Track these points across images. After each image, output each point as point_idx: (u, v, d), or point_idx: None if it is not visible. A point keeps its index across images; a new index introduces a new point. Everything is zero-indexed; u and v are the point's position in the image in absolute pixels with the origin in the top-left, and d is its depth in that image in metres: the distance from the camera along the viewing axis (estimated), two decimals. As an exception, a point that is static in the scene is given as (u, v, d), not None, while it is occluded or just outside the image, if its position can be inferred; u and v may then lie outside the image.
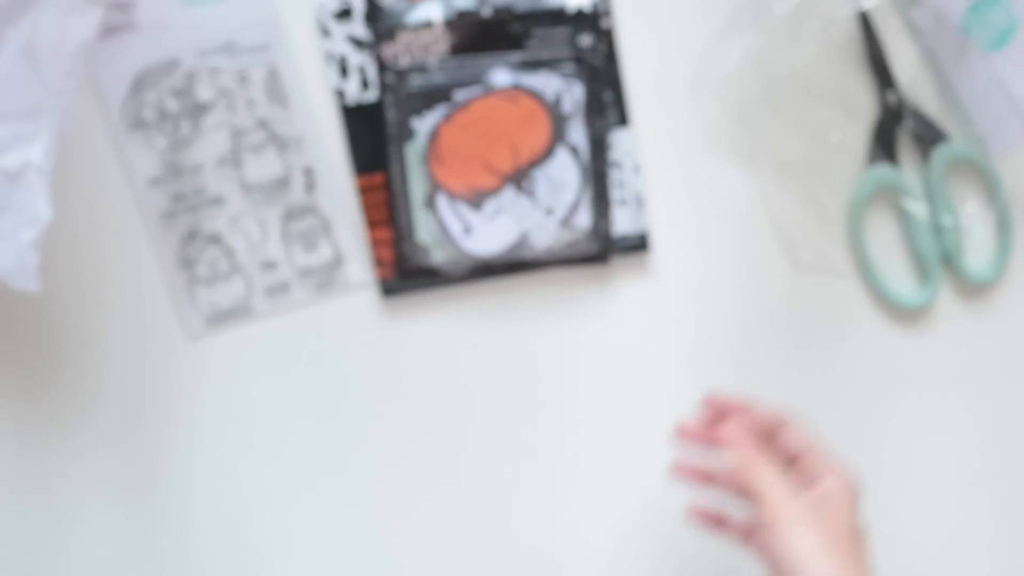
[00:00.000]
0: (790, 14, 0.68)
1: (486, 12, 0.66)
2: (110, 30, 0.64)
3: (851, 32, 0.69)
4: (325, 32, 0.66)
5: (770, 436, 0.61)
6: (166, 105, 0.65)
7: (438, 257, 0.67)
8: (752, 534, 0.60)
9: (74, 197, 0.65)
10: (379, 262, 0.67)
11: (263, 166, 0.66)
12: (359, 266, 0.67)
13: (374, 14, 0.66)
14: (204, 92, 0.65)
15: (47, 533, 0.67)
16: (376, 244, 0.67)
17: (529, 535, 0.69)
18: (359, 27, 0.66)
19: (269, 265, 0.67)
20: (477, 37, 0.66)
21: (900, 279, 0.71)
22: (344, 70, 0.66)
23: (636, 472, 0.69)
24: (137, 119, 0.65)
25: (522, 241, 0.67)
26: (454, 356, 0.68)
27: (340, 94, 0.66)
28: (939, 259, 0.70)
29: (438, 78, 0.65)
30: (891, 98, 0.70)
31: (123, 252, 0.66)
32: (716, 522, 0.63)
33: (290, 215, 0.67)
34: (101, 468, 0.67)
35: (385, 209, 0.67)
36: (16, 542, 0.67)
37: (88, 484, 0.66)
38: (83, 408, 0.66)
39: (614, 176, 0.68)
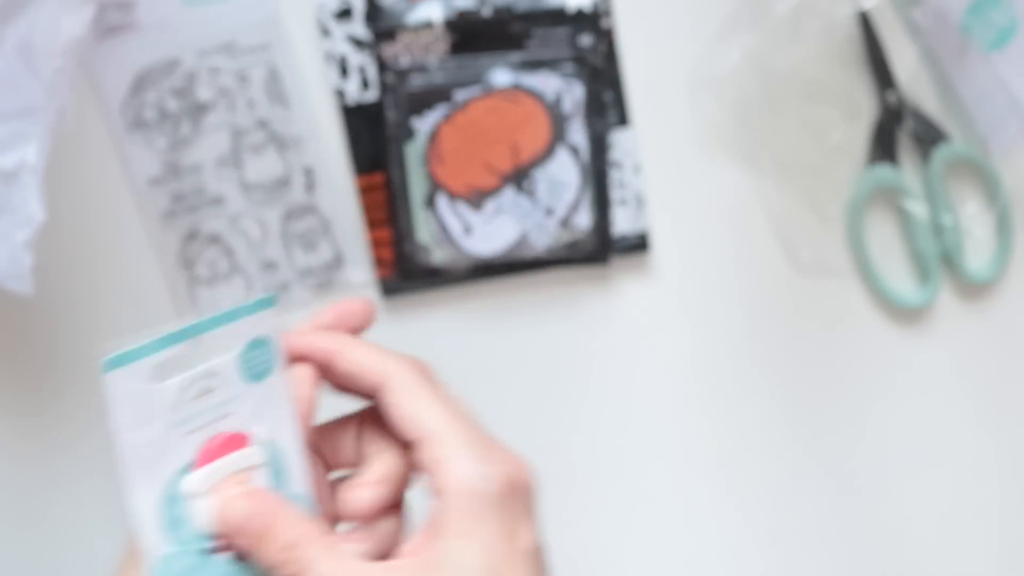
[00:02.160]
0: (790, 14, 0.68)
1: (486, 12, 0.66)
2: (110, 30, 0.64)
3: (851, 32, 0.69)
4: (325, 32, 0.66)
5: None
6: (166, 105, 0.65)
7: (438, 257, 0.67)
8: None
9: (74, 197, 0.65)
10: (379, 262, 0.67)
11: (263, 166, 0.66)
12: (359, 266, 0.67)
13: (374, 14, 0.66)
14: (204, 92, 0.65)
15: (47, 545, 0.67)
16: (376, 244, 0.67)
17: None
18: (359, 27, 0.66)
19: (269, 265, 0.67)
20: (477, 37, 0.66)
21: (900, 279, 0.71)
22: (344, 70, 0.66)
23: (635, 471, 0.69)
24: (137, 119, 0.65)
25: (522, 241, 0.67)
26: (454, 356, 0.68)
27: (340, 94, 0.66)
28: (939, 259, 0.70)
29: (438, 78, 0.65)
30: (891, 98, 0.70)
31: (123, 252, 0.66)
32: None
33: (290, 215, 0.67)
34: (102, 472, 0.66)
35: (385, 209, 0.67)
36: (15, 559, 0.66)
37: (89, 491, 0.66)
38: (82, 411, 0.66)
39: (614, 176, 0.68)
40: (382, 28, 0.66)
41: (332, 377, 0.43)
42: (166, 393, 0.40)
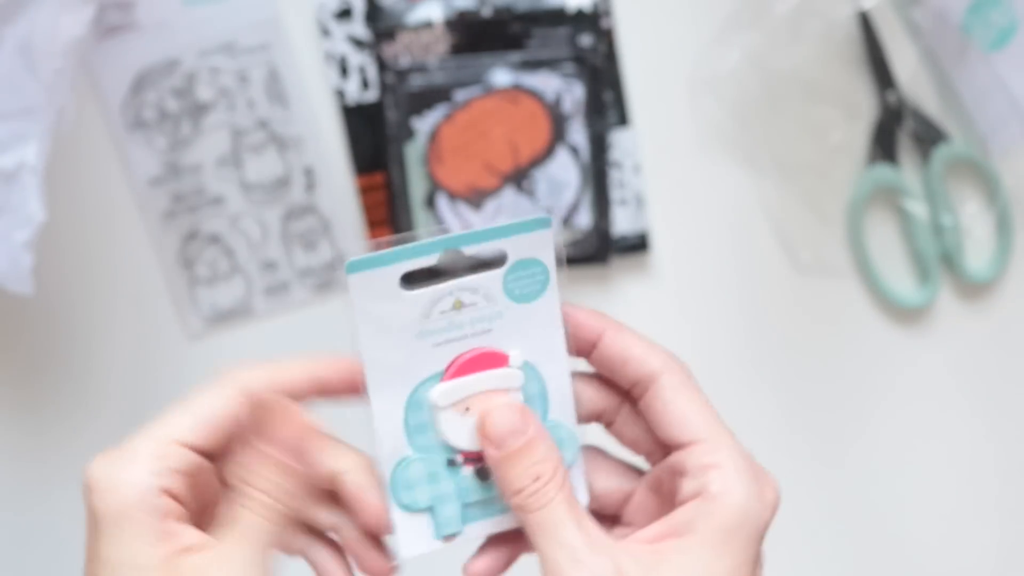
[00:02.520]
0: (790, 14, 0.68)
1: (486, 12, 0.66)
2: (110, 30, 0.64)
3: (851, 32, 0.69)
4: (325, 32, 0.66)
5: None
6: (166, 105, 0.65)
7: (438, 257, 0.66)
8: None
9: (74, 197, 0.65)
10: (379, 262, 0.67)
11: (263, 166, 0.66)
12: (359, 266, 0.67)
13: (374, 14, 0.66)
14: (204, 92, 0.65)
15: (44, 544, 0.67)
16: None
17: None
18: (359, 27, 0.66)
19: (269, 265, 0.67)
20: (477, 37, 0.66)
21: (900, 279, 0.71)
22: (344, 70, 0.66)
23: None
24: (137, 119, 0.65)
25: (522, 241, 0.67)
26: (454, 356, 0.68)
27: (340, 94, 0.66)
28: (939, 259, 0.70)
29: (438, 78, 0.65)
30: (891, 98, 0.70)
31: (123, 252, 0.66)
32: None
33: (290, 215, 0.67)
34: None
35: (385, 209, 0.67)
36: (13, 555, 0.67)
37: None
38: (82, 410, 0.66)
39: (614, 176, 0.68)
40: (382, 28, 0.66)
41: (591, 357, 0.41)
42: (418, 302, 0.39)
